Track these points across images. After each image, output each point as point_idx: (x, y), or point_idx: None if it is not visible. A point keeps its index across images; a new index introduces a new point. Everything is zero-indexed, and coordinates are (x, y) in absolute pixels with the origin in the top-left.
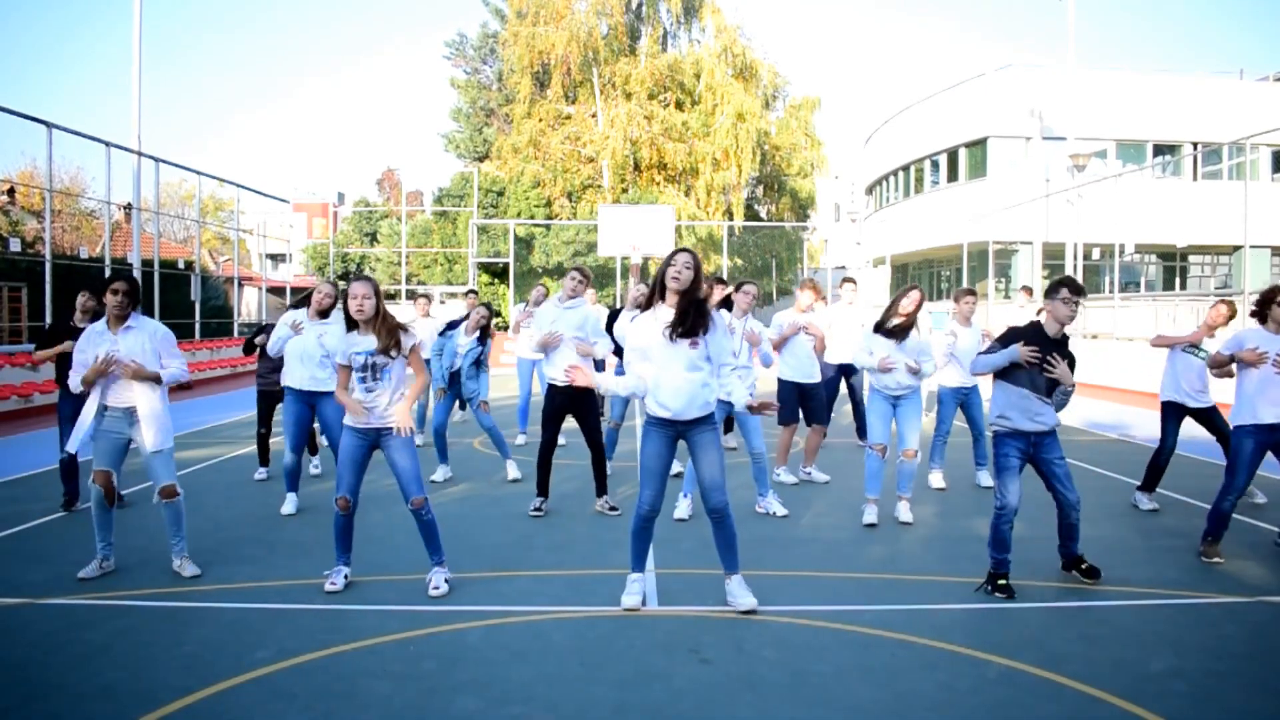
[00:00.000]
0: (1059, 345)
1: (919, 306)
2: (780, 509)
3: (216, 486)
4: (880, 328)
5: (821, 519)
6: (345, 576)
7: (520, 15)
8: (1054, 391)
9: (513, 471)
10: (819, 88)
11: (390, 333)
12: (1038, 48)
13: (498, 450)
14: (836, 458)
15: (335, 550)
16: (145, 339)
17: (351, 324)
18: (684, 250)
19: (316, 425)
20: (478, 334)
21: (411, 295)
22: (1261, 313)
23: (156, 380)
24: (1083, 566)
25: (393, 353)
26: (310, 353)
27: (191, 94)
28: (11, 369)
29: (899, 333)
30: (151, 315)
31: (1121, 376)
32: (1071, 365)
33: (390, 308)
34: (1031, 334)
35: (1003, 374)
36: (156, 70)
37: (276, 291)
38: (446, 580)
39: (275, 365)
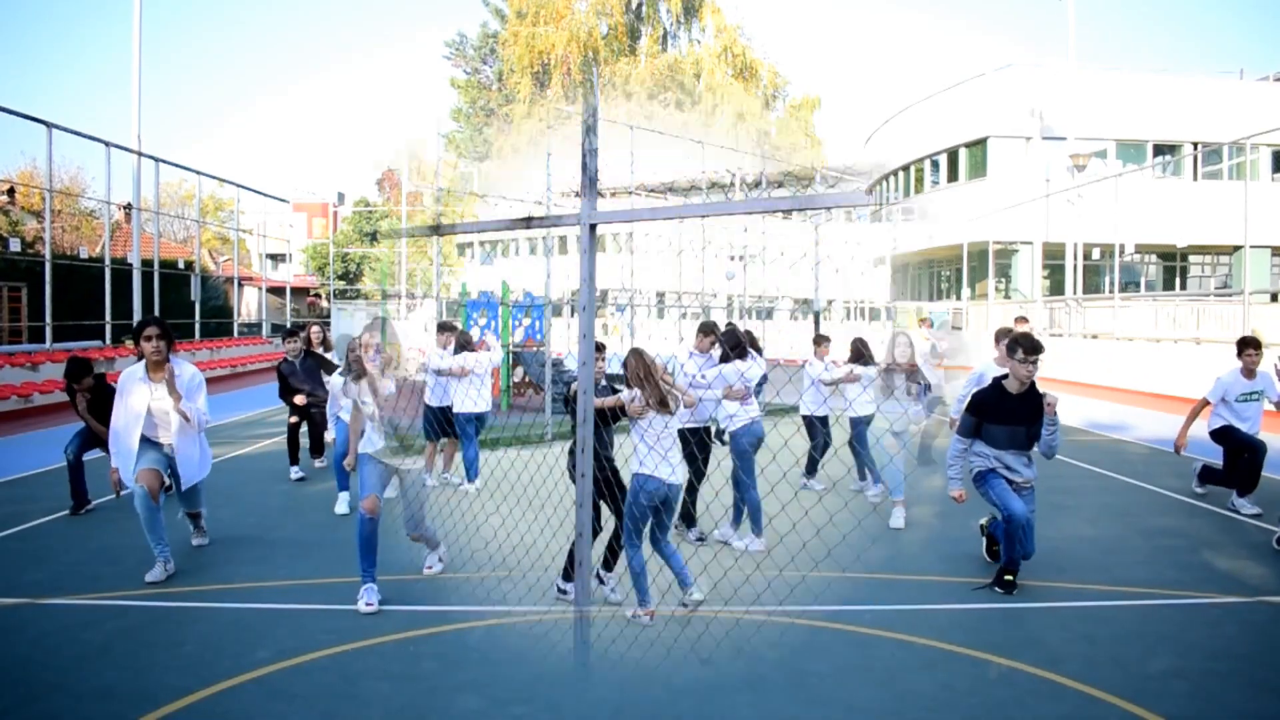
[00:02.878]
0: (1026, 399)
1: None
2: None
3: (216, 487)
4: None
5: (821, 519)
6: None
7: (520, 15)
8: (1036, 442)
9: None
10: (819, 88)
11: None
12: (1038, 48)
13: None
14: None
15: None
16: (181, 383)
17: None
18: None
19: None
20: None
21: (413, 295)
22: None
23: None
24: (1006, 578)
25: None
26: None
27: (191, 93)
28: (11, 369)
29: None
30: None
31: (1121, 376)
32: (1041, 411)
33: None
34: (995, 397)
35: (982, 432)
36: (156, 70)
37: (276, 291)
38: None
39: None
